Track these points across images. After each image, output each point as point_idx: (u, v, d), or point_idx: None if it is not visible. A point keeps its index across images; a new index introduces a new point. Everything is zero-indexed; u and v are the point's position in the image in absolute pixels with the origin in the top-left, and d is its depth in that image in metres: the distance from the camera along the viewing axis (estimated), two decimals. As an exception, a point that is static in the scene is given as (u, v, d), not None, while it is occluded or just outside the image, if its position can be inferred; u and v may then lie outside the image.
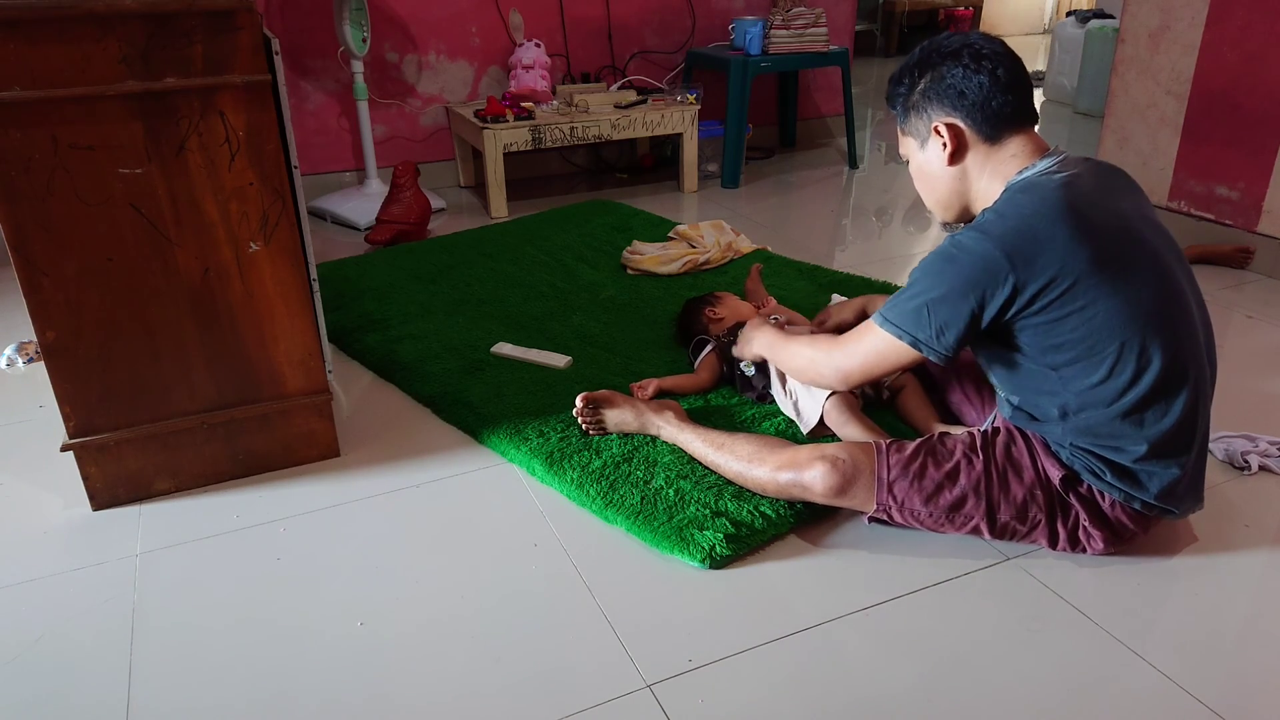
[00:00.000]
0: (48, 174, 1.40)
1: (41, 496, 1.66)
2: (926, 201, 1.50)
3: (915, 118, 1.41)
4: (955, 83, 1.34)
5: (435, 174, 3.66)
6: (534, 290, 2.54)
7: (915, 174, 1.48)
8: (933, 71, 1.37)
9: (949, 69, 1.35)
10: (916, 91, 1.39)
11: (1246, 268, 2.65)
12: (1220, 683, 1.21)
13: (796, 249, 2.92)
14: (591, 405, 1.74)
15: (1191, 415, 1.33)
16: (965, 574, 1.42)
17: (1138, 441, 1.32)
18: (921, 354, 1.34)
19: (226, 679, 1.25)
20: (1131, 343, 1.28)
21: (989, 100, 1.33)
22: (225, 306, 1.59)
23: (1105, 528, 1.39)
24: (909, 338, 1.33)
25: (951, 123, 1.36)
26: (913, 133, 1.44)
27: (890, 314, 1.36)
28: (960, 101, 1.35)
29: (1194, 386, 1.33)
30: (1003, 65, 1.33)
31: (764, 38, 3.60)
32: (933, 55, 1.37)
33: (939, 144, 1.39)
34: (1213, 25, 2.63)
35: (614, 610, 1.36)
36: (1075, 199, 1.27)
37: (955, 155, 1.38)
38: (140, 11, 1.36)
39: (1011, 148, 1.36)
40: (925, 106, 1.38)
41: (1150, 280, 1.29)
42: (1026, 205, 1.28)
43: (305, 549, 1.52)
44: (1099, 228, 1.27)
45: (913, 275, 1.36)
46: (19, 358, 2.20)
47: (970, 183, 1.41)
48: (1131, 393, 1.30)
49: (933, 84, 1.37)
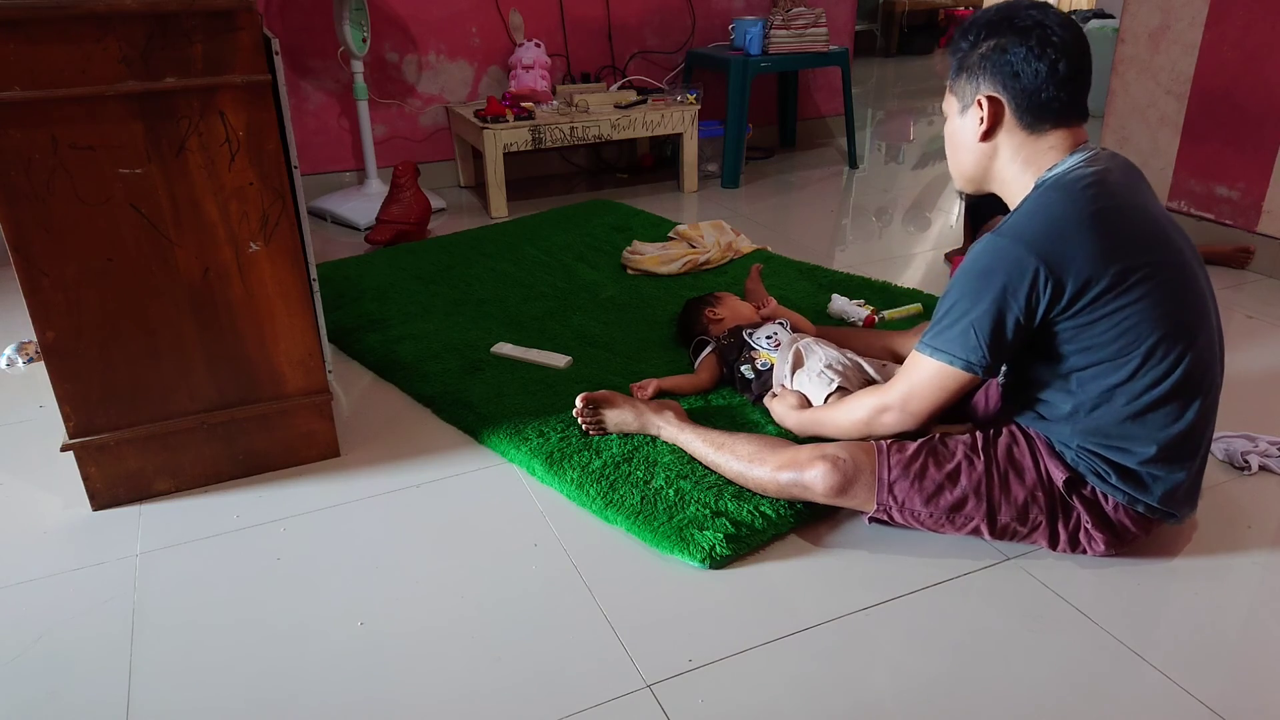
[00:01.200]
0: (48, 174, 1.40)
1: (41, 496, 1.66)
2: (951, 168, 1.47)
3: (966, 80, 1.36)
4: (1014, 61, 1.29)
5: (435, 174, 3.66)
6: (534, 290, 2.54)
7: (948, 136, 1.45)
8: (998, 39, 1.31)
9: (1014, 44, 1.29)
10: (976, 53, 1.34)
11: (1246, 268, 2.65)
12: (1220, 683, 1.21)
13: (796, 249, 2.92)
14: (591, 405, 1.74)
15: (1203, 420, 1.33)
16: (965, 574, 1.42)
17: (1147, 443, 1.32)
18: (977, 376, 1.32)
19: (226, 679, 1.25)
20: (1160, 345, 1.27)
21: (1040, 90, 1.29)
22: (225, 306, 1.59)
23: (1107, 530, 1.39)
24: (960, 361, 1.31)
25: (996, 98, 1.33)
26: (958, 93, 1.39)
27: (936, 341, 1.33)
28: (1012, 82, 1.31)
29: (1208, 391, 1.32)
30: (1067, 58, 1.28)
31: (764, 38, 3.60)
32: (1004, 23, 1.31)
33: (977, 117, 1.35)
34: (1213, 25, 2.63)
35: (614, 610, 1.35)
36: (1105, 198, 1.26)
37: (989, 132, 1.35)
38: (140, 11, 1.36)
39: (1050, 140, 1.33)
40: (978, 72, 1.34)
41: (1178, 283, 1.28)
42: (1057, 206, 1.26)
43: (305, 549, 1.52)
44: (1129, 229, 1.26)
45: (949, 295, 1.33)
46: (19, 358, 2.20)
47: (998, 164, 1.38)
48: (1150, 394, 1.29)
49: (993, 53, 1.31)
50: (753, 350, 1.88)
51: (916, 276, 2.71)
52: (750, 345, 1.89)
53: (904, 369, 1.42)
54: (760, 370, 1.85)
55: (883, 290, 2.50)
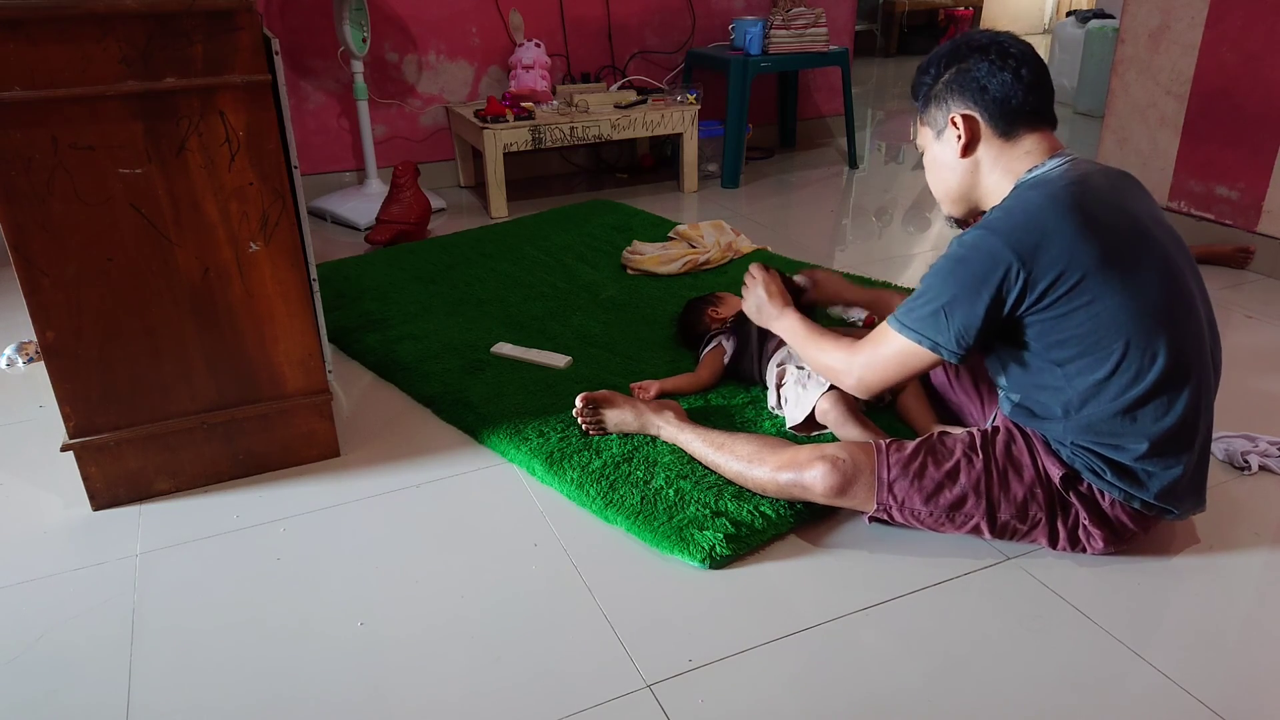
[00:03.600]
0: (48, 174, 1.40)
1: (41, 496, 1.66)
2: (936, 194, 1.50)
3: (935, 108, 1.42)
4: (979, 77, 1.35)
5: (435, 174, 3.66)
6: (534, 290, 2.54)
7: (928, 165, 1.49)
8: (959, 64, 1.38)
9: (975, 63, 1.36)
10: (940, 83, 1.40)
11: (1246, 268, 2.65)
12: (1220, 683, 1.21)
13: (796, 249, 2.92)
14: (591, 406, 1.74)
15: (1193, 415, 1.33)
16: (965, 574, 1.42)
17: (1138, 439, 1.32)
18: (941, 357, 1.35)
19: (226, 679, 1.25)
20: (1136, 340, 1.28)
21: (1010, 97, 1.34)
22: (225, 306, 1.59)
23: (1105, 526, 1.39)
24: (928, 342, 1.34)
25: (969, 114, 1.37)
26: (930, 123, 1.44)
27: (907, 319, 1.36)
28: (981, 96, 1.36)
29: (1196, 386, 1.33)
30: (1027, 66, 1.34)
31: (764, 38, 3.60)
32: (961, 49, 1.38)
33: (954, 135, 1.39)
34: (1213, 25, 2.63)
35: (614, 610, 1.36)
36: (1084, 195, 1.28)
37: (969, 147, 1.39)
38: (140, 11, 1.36)
39: (1025, 145, 1.37)
40: (946, 97, 1.39)
41: (1157, 278, 1.29)
42: (1034, 201, 1.29)
43: (305, 549, 1.52)
44: (1107, 224, 1.28)
45: (925, 279, 1.36)
46: (19, 358, 2.20)
47: (981, 176, 1.41)
48: (1134, 390, 1.30)
49: (957, 76, 1.38)
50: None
51: (916, 276, 2.70)
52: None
53: (872, 338, 1.43)
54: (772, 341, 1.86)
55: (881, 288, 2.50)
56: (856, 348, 1.45)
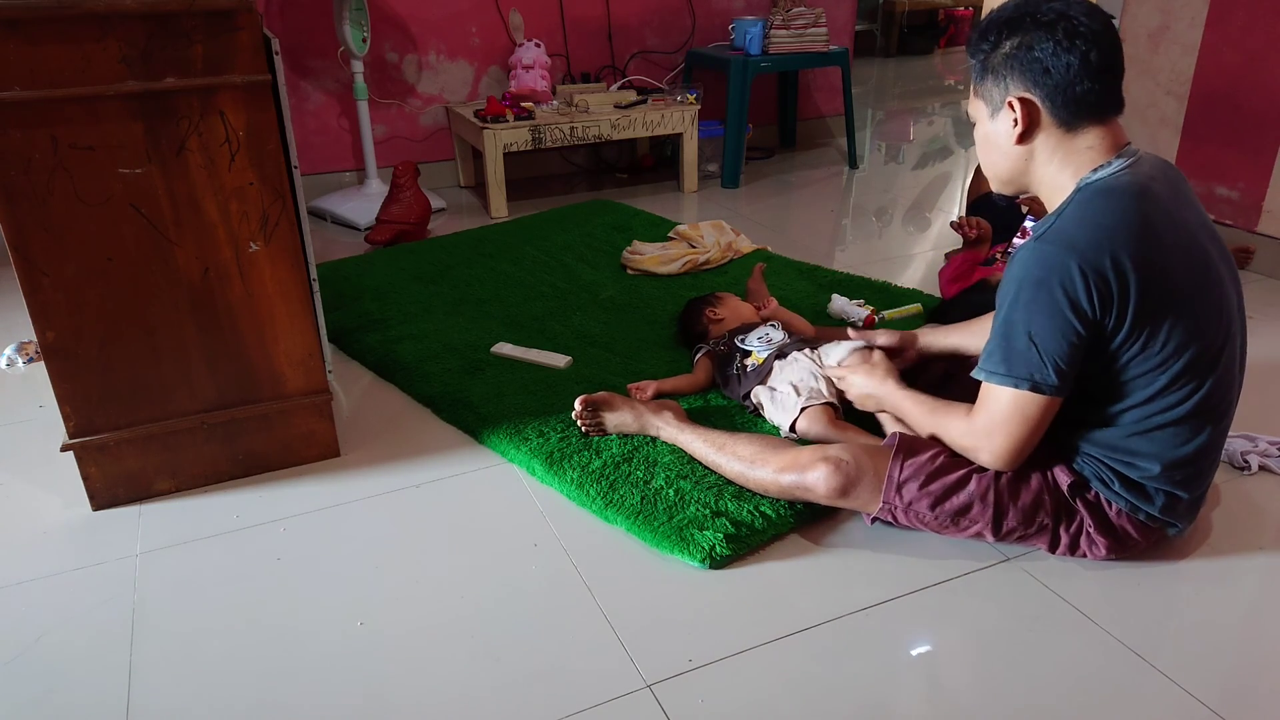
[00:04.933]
0: (48, 174, 1.40)
1: (41, 496, 1.66)
2: (985, 170, 1.41)
3: (992, 82, 1.30)
4: (1043, 57, 1.23)
5: (435, 174, 3.66)
6: (534, 290, 2.54)
7: (980, 141, 1.39)
8: (1022, 36, 1.25)
9: (1039, 40, 1.23)
10: (999, 54, 1.28)
11: (1246, 268, 2.65)
12: (1221, 683, 1.21)
13: (796, 249, 2.92)
14: (590, 408, 1.74)
15: (1213, 446, 1.33)
16: (966, 574, 1.42)
17: (1151, 460, 1.32)
18: (1046, 395, 1.25)
19: (226, 679, 1.25)
20: (1187, 370, 1.25)
21: (1074, 84, 1.23)
22: (225, 306, 1.59)
23: (1110, 535, 1.38)
24: (1027, 383, 1.25)
25: (1028, 99, 1.26)
26: (986, 97, 1.33)
27: (998, 366, 1.27)
28: (1043, 79, 1.24)
29: (1221, 419, 1.32)
30: (1098, 48, 1.22)
31: (764, 38, 3.60)
32: (1026, 19, 1.25)
33: (1010, 119, 1.29)
34: (1213, 25, 2.63)
35: (614, 610, 1.35)
36: (1153, 215, 1.22)
37: (1025, 135, 1.29)
38: (140, 11, 1.36)
39: (1088, 139, 1.28)
40: (1005, 74, 1.28)
41: (1211, 307, 1.27)
42: (1105, 216, 1.22)
43: (305, 549, 1.51)
44: (1175, 252, 1.23)
45: (1004, 311, 1.27)
46: (19, 358, 2.20)
47: (1037, 165, 1.32)
48: (1164, 415, 1.28)
49: (1018, 51, 1.25)
50: (746, 354, 1.88)
51: (916, 276, 2.71)
52: (743, 349, 1.89)
53: (979, 402, 1.33)
54: (749, 370, 1.85)
55: (883, 290, 2.50)
56: (972, 418, 1.34)
